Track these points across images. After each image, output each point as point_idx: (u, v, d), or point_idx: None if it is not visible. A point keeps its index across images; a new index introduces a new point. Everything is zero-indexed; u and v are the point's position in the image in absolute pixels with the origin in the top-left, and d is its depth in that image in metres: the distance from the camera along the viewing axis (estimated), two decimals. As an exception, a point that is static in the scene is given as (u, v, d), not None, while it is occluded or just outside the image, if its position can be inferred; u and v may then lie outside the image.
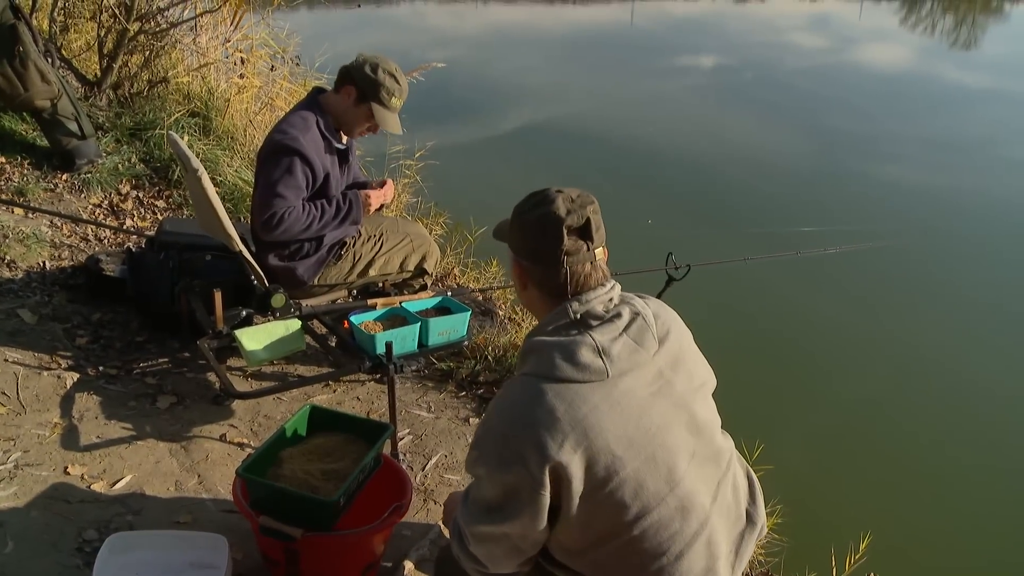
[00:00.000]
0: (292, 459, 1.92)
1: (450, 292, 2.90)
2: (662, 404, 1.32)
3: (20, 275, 3.19)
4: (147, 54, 4.71)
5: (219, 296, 2.56)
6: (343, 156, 2.75)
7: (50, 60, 3.82)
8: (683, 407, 1.35)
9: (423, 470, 2.50)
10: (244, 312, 2.74)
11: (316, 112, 2.60)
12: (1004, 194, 6.83)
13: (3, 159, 3.93)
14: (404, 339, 2.48)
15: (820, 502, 3.12)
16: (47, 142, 3.99)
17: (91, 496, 2.14)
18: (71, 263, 3.38)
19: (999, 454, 3.55)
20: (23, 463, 2.20)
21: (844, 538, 2.55)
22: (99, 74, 4.59)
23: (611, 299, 1.38)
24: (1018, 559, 3.01)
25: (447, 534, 2.08)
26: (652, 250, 3.15)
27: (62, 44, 4.75)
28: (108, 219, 3.84)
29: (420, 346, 2.55)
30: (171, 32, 4.80)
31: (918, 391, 4.00)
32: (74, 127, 3.91)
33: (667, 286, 2.86)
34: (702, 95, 10.63)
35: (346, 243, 2.76)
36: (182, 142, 2.57)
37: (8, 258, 3.25)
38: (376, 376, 2.83)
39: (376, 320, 2.58)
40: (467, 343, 2.74)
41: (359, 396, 2.85)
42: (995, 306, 4.82)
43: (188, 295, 2.77)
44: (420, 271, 2.92)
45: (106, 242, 3.66)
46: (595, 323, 1.33)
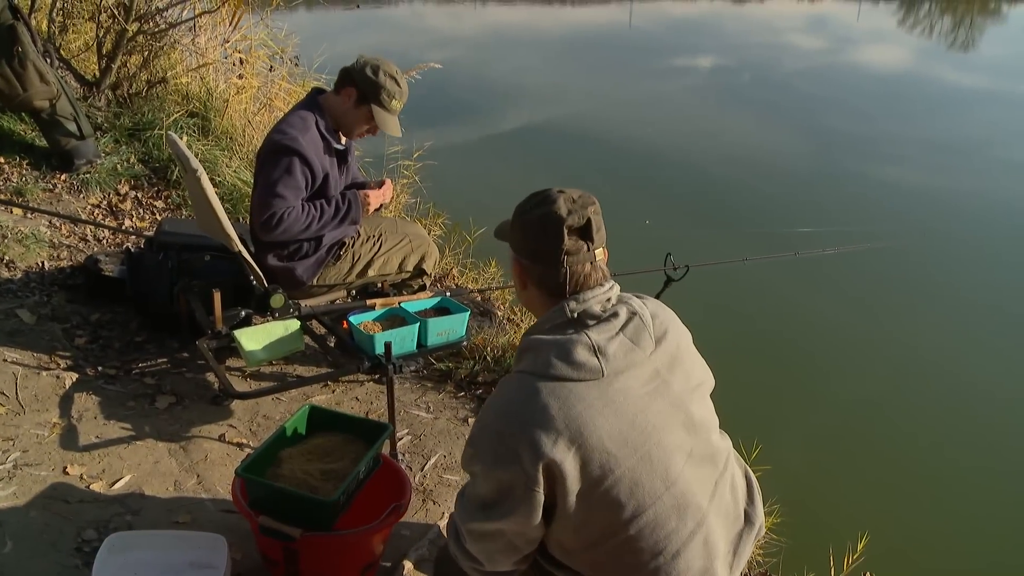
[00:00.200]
0: (291, 459, 1.92)
1: (449, 292, 2.90)
2: (658, 403, 1.32)
3: (19, 275, 3.19)
4: (146, 54, 4.71)
5: (218, 296, 2.56)
6: (342, 157, 2.75)
7: (49, 60, 3.82)
8: (680, 407, 1.35)
9: (422, 470, 2.51)
10: (243, 312, 2.74)
11: (315, 112, 2.60)
12: (1002, 195, 6.84)
13: (2, 159, 3.93)
14: (403, 339, 2.48)
15: (818, 503, 3.12)
16: (46, 142, 3.98)
17: (90, 496, 2.14)
18: (70, 263, 3.38)
19: (997, 455, 3.55)
20: (22, 463, 2.20)
21: (842, 539, 2.55)
22: (98, 74, 4.59)
23: (609, 299, 1.38)
24: (1016, 560, 3.01)
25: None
26: (650, 251, 3.16)
27: (61, 44, 4.75)
28: (107, 219, 3.84)
29: (419, 346, 2.55)
30: (170, 32, 4.80)
31: (916, 392, 4.00)
32: (73, 127, 3.91)
33: (665, 286, 2.87)
34: (701, 96, 10.64)
35: (345, 243, 2.76)
36: (181, 142, 2.57)
37: (7, 258, 3.25)
38: (375, 376, 2.83)
39: (375, 320, 2.58)
40: (466, 343, 2.74)
41: (358, 396, 2.85)
42: (994, 307, 4.83)
43: (187, 295, 2.77)
44: (419, 271, 2.92)
45: (105, 242, 3.66)
46: (592, 322, 1.33)
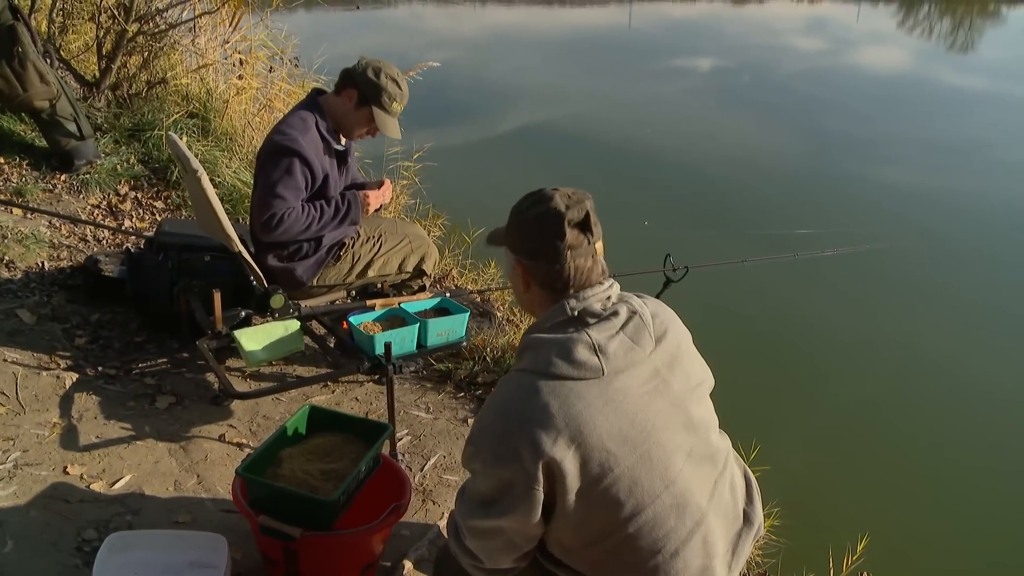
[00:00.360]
0: (291, 459, 1.92)
1: (448, 293, 2.90)
2: (658, 402, 1.32)
3: (19, 275, 3.19)
4: (146, 55, 4.72)
5: (218, 297, 2.56)
6: (342, 157, 2.75)
7: (49, 61, 3.82)
8: (679, 406, 1.35)
9: (422, 470, 2.51)
10: (243, 313, 2.74)
11: (315, 113, 2.61)
12: (1002, 196, 6.85)
13: (2, 160, 3.94)
14: (403, 340, 2.48)
15: (818, 503, 3.12)
16: (46, 143, 3.99)
17: (90, 496, 2.14)
18: (70, 263, 3.38)
19: (997, 456, 3.55)
20: (22, 463, 2.21)
21: (842, 539, 2.55)
22: (98, 75, 4.59)
23: (609, 297, 1.39)
24: (1016, 561, 3.01)
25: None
26: (650, 252, 3.16)
27: (61, 45, 4.75)
28: (107, 220, 3.85)
29: (419, 347, 2.55)
30: (170, 33, 4.80)
31: (916, 393, 4.00)
32: (73, 128, 3.91)
33: (665, 287, 2.87)
34: (700, 97, 10.65)
35: (345, 244, 2.76)
36: (182, 143, 2.57)
37: (7, 258, 3.25)
38: (375, 377, 2.84)
39: (375, 321, 2.58)
40: (465, 344, 2.74)
41: (358, 397, 2.85)
42: (993, 308, 4.83)
43: (187, 295, 2.78)
44: (419, 272, 2.93)
45: (105, 243, 3.66)
46: (592, 320, 1.33)
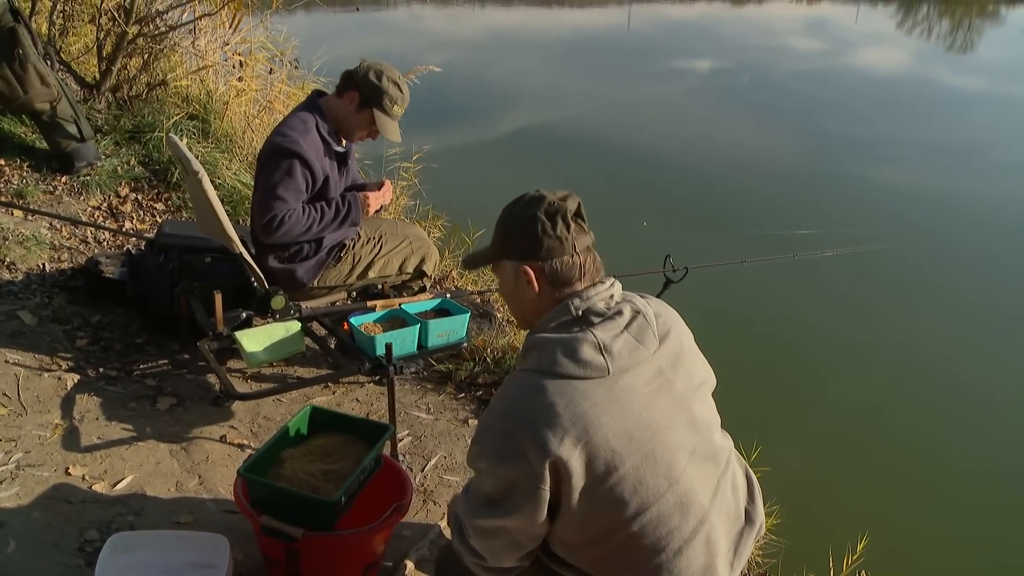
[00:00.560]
0: (293, 459, 1.92)
1: (449, 294, 2.91)
2: (662, 402, 1.33)
3: (20, 277, 3.20)
4: (146, 57, 4.72)
5: (219, 298, 2.57)
6: (342, 159, 2.75)
7: (49, 63, 3.82)
8: (683, 405, 1.36)
9: (423, 471, 2.51)
10: (244, 314, 2.74)
11: (316, 115, 2.61)
12: (1001, 196, 6.86)
13: (2, 161, 3.94)
14: (403, 341, 2.49)
15: (818, 503, 3.13)
16: (46, 144, 3.99)
17: (92, 496, 2.15)
18: (71, 265, 3.38)
19: (997, 456, 3.56)
20: (24, 464, 2.21)
21: (842, 539, 2.55)
22: (98, 77, 4.60)
23: (612, 296, 1.39)
24: (1016, 561, 3.02)
25: (448, 534, 2.09)
26: (649, 252, 3.16)
27: (61, 47, 4.76)
28: (107, 221, 3.85)
29: (419, 348, 2.56)
30: (170, 35, 4.81)
31: (916, 393, 4.01)
32: (73, 130, 3.92)
33: (665, 288, 2.87)
34: (699, 98, 10.66)
35: (345, 245, 2.77)
36: (182, 144, 2.57)
37: (8, 260, 3.26)
38: (376, 378, 2.84)
39: (376, 322, 2.59)
40: (466, 345, 2.75)
41: (358, 398, 2.86)
42: (993, 308, 4.84)
43: (188, 297, 2.78)
44: (419, 273, 2.93)
45: (105, 244, 3.66)
46: (597, 320, 1.34)
